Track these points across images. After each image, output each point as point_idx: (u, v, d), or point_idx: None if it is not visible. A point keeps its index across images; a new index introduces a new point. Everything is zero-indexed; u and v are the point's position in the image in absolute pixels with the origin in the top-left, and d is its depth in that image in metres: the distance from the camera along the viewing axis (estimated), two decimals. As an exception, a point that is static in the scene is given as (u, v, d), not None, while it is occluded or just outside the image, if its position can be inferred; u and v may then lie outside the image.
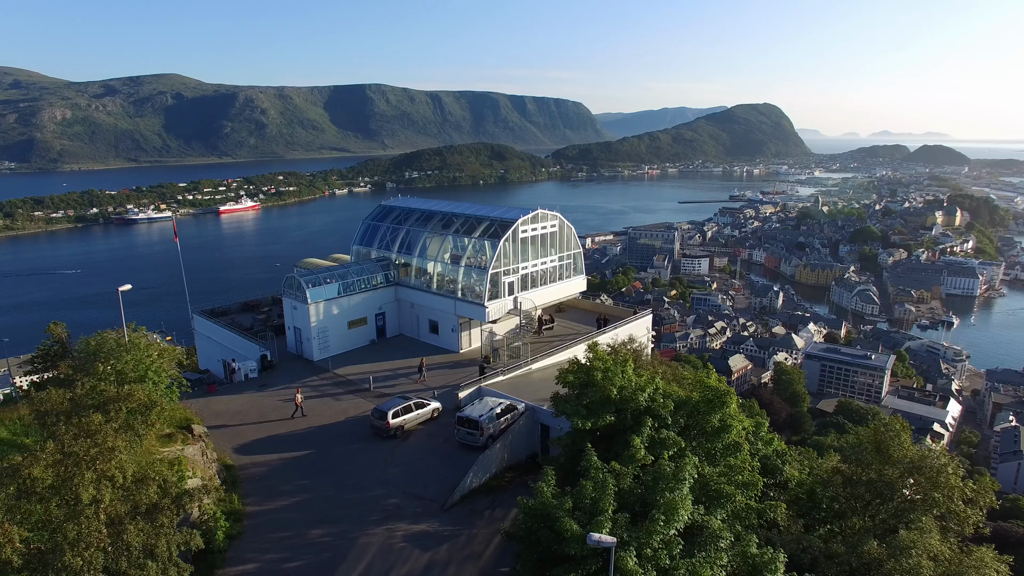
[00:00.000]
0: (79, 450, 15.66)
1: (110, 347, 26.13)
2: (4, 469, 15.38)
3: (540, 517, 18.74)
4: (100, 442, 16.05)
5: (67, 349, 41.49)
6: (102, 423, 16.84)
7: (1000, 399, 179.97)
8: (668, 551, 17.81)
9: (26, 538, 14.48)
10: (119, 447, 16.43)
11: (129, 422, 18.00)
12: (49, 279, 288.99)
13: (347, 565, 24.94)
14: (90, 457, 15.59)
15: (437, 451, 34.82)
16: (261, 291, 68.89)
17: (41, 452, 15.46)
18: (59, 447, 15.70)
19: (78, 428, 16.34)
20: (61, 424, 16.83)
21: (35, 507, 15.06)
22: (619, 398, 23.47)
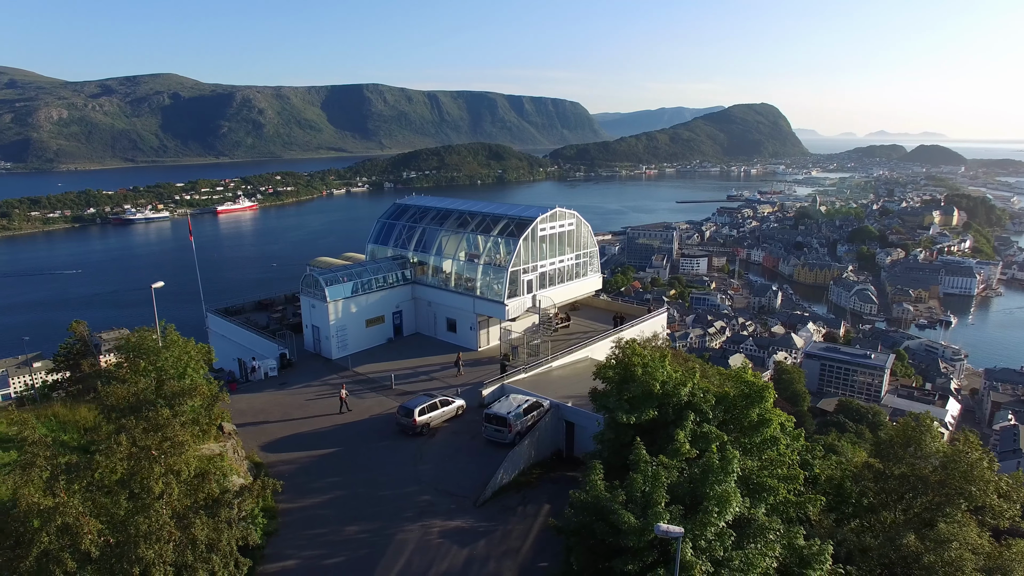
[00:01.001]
0: (151, 443, 15.73)
1: (149, 345, 26.18)
2: (79, 463, 15.46)
3: (593, 510, 18.88)
4: (169, 436, 16.13)
5: (89, 347, 41.45)
6: (169, 417, 16.91)
7: (999, 398, 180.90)
8: (721, 542, 17.98)
9: (100, 530, 14.56)
10: (187, 441, 16.51)
11: (195, 416, 18.07)
12: (49, 279, 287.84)
13: (387, 561, 25.03)
14: (161, 451, 15.66)
15: (465, 448, 34.95)
16: (260, 291, 68.65)
17: (116, 446, 15.52)
18: (131, 441, 15.76)
19: (147, 422, 16.40)
20: (131, 418, 16.87)
21: (107, 500, 15.14)
22: (661, 393, 23.65)
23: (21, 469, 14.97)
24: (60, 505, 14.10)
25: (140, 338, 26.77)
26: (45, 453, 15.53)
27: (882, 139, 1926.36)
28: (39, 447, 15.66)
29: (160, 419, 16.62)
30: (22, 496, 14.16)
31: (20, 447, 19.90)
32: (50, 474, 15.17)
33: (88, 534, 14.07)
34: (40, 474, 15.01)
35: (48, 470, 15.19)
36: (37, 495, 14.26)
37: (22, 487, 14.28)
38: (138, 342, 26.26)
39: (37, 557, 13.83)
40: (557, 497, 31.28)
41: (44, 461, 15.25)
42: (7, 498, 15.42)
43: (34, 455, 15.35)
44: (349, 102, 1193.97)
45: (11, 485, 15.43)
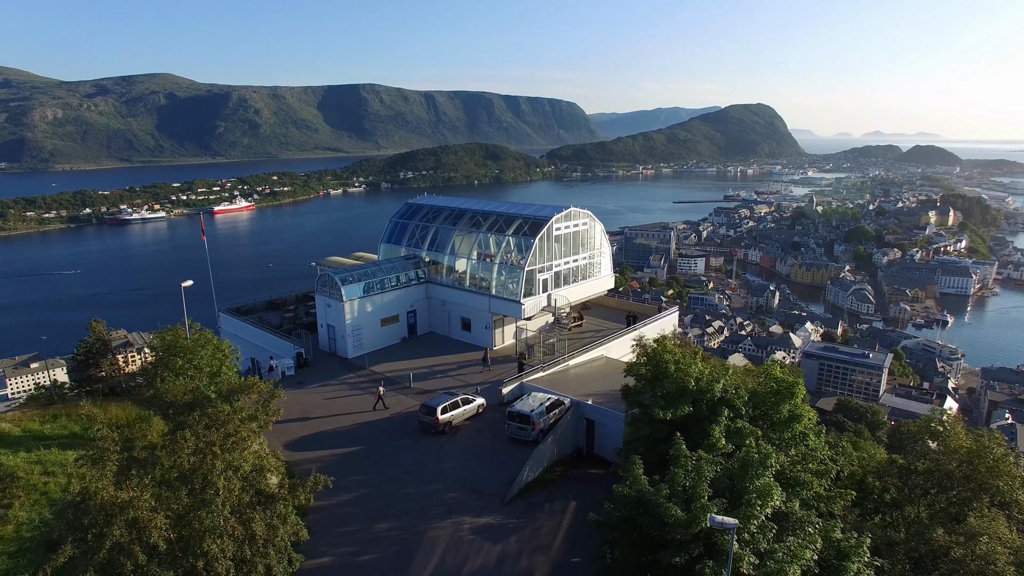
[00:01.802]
0: (215, 439, 15.89)
1: (184, 343, 26.33)
2: (146, 459, 15.61)
3: (637, 504, 19.13)
4: (231, 432, 16.29)
5: (108, 346, 41.48)
6: (231, 413, 17.08)
7: (996, 397, 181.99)
8: (764, 535, 18.27)
9: (164, 524, 14.72)
10: (250, 437, 16.69)
11: (253, 413, 18.24)
12: (47, 280, 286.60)
13: (421, 558, 25.23)
14: (224, 447, 15.83)
15: (487, 446, 35.15)
16: (258, 291, 68.53)
17: (183, 441, 15.68)
18: (196, 437, 15.92)
19: (209, 418, 16.55)
20: (194, 414, 17.03)
21: (170, 495, 15.30)
22: (696, 389, 23.94)
23: (93, 464, 15.12)
24: (134, 500, 14.27)
25: (174, 337, 26.93)
26: (115, 448, 15.70)
27: (878, 139, 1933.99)
28: (108, 442, 15.82)
29: (222, 415, 16.78)
30: (98, 490, 14.33)
31: (86, 444, 20.07)
32: (118, 469, 15.33)
33: (156, 528, 14.25)
34: (111, 469, 15.17)
35: (117, 465, 15.35)
36: (110, 490, 14.43)
37: (97, 481, 14.44)
38: (173, 340, 26.42)
39: (109, 549, 14.00)
40: (582, 494, 31.57)
41: (114, 456, 15.40)
42: (76, 492, 15.56)
43: (105, 450, 15.51)
44: (345, 102, 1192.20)
45: (86, 479, 15.58)
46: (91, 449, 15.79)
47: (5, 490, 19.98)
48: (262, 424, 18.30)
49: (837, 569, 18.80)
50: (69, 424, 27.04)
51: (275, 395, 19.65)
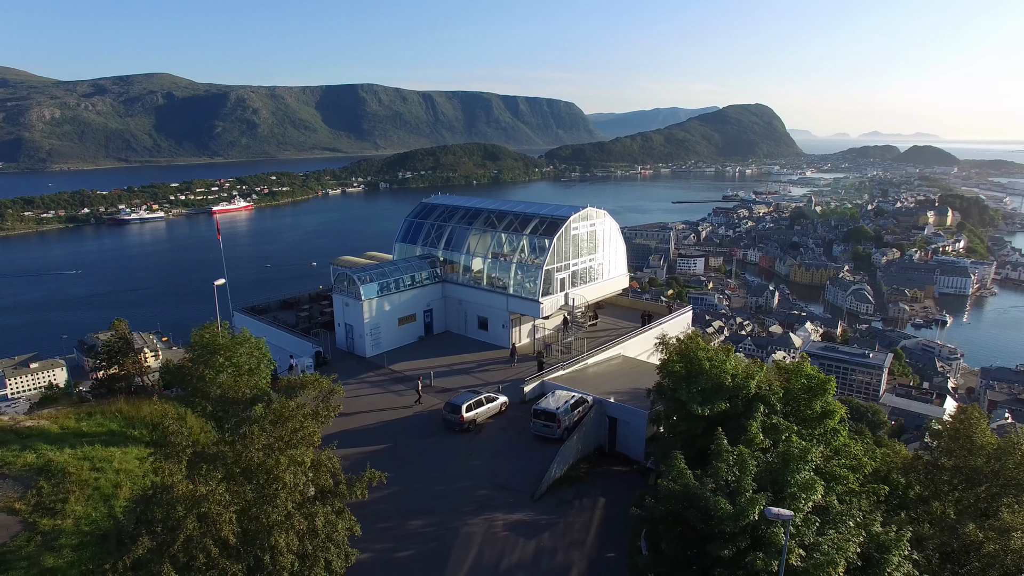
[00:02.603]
0: (284, 434, 16.15)
1: (222, 341, 26.57)
2: (216, 454, 15.86)
3: (683, 498, 19.46)
4: (297, 427, 16.55)
5: (130, 345, 41.61)
6: (295, 409, 17.34)
7: (995, 396, 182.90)
8: (808, 528, 18.60)
9: (232, 518, 14.97)
10: (316, 432, 16.98)
11: (315, 409, 18.50)
12: (48, 279, 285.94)
13: (458, 554, 25.53)
14: (295, 442, 16.10)
15: (513, 443, 35.46)
16: (261, 292, 68.55)
17: (257, 437, 15.93)
18: (264, 432, 16.17)
19: (275, 414, 16.80)
20: (260, 409, 17.28)
21: (239, 489, 15.56)
22: (732, 385, 24.30)
23: (167, 459, 15.36)
24: (209, 493, 14.53)
25: (212, 335, 27.17)
26: (188, 443, 15.95)
27: (875, 139, 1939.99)
28: (180, 437, 16.07)
29: (287, 411, 17.04)
30: (175, 484, 14.57)
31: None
32: (189, 463, 15.59)
33: (227, 522, 14.51)
34: (184, 464, 15.43)
35: (187, 459, 15.61)
36: (186, 484, 14.69)
37: (174, 475, 14.68)
38: (212, 338, 26.66)
39: (183, 542, 14.26)
40: (610, 491, 31.93)
41: (188, 451, 15.65)
42: (150, 486, 15.81)
43: (178, 445, 15.76)
44: (344, 102, 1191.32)
45: (160, 474, 15.81)
46: (163, 445, 16.03)
47: (58, 485, 20.23)
48: (323, 420, 18.58)
49: (878, 562, 19.10)
50: (105, 422, 27.22)
51: (335, 391, 19.91)
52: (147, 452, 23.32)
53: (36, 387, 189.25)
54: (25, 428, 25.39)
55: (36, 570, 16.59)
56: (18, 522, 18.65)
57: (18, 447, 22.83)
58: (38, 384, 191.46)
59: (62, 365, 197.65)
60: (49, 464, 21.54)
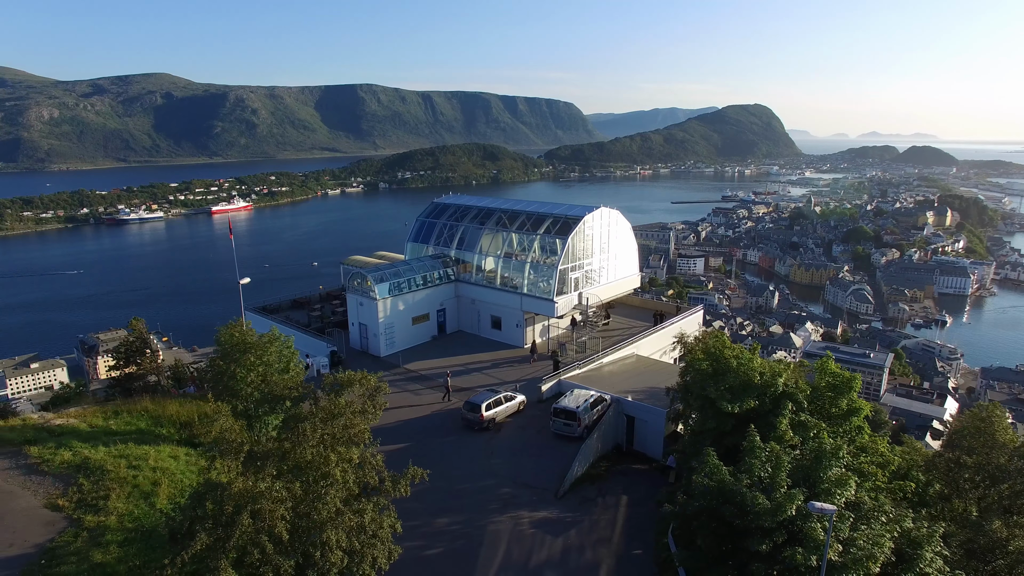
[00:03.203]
0: (336, 432, 16.30)
1: (251, 340, 26.70)
2: (271, 452, 15.99)
3: (718, 494, 19.65)
4: (347, 424, 16.70)
5: (148, 344, 41.77)
6: (344, 406, 17.48)
7: (996, 396, 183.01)
8: (843, 523, 18.80)
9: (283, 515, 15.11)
10: (366, 430, 17.14)
11: (363, 406, 18.65)
12: (48, 279, 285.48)
13: (487, 551, 25.69)
14: (346, 439, 16.26)
15: (533, 442, 35.62)
16: (261, 292, 68.28)
17: (310, 434, 16.07)
18: (316, 429, 16.31)
19: (325, 412, 16.94)
20: (311, 405, 17.41)
21: (289, 486, 15.70)
22: (760, 383, 24.53)
23: (223, 456, 15.50)
24: (267, 490, 14.67)
25: (242, 334, 27.31)
26: (241, 440, 16.08)
27: (874, 140, 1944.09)
28: (234, 434, 16.22)
29: (336, 408, 17.19)
30: (234, 481, 14.70)
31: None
32: (245, 460, 15.72)
33: (280, 519, 14.66)
34: (240, 460, 15.57)
35: (243, 456, 15.74)
36: (241, 481, 14.83)
37: (231, 472, 14.81)
38: (241, 338, 26.79)
39: (238, 539, 14.40)
40: (631, 488, 32.13)
41: (245, 448, 15.79)
42: (205, 483, 15.95)
43: (235, 442, 15.90)
44: (343, 102, 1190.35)
45: (216, 471, 15.94)
46: (217, 443, 16.17)
47: (98, 483, 20.38)
48: (370, 417, 18.73)
49: (911, 557, 19.29)
50: (133, 420, 27.41)
51: (381, 388, 20.07)
52: (182, 451, 23.54)
53: (36, 387, 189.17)
54: (56, 426, 25.57)
55: (86, 565, 16.75)
56: (63, 518, 18.82)
57: (54, 445, 23.00)
58: (38, 384, 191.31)
59: (62, 365, 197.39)
60: (87, 462, 21.71)
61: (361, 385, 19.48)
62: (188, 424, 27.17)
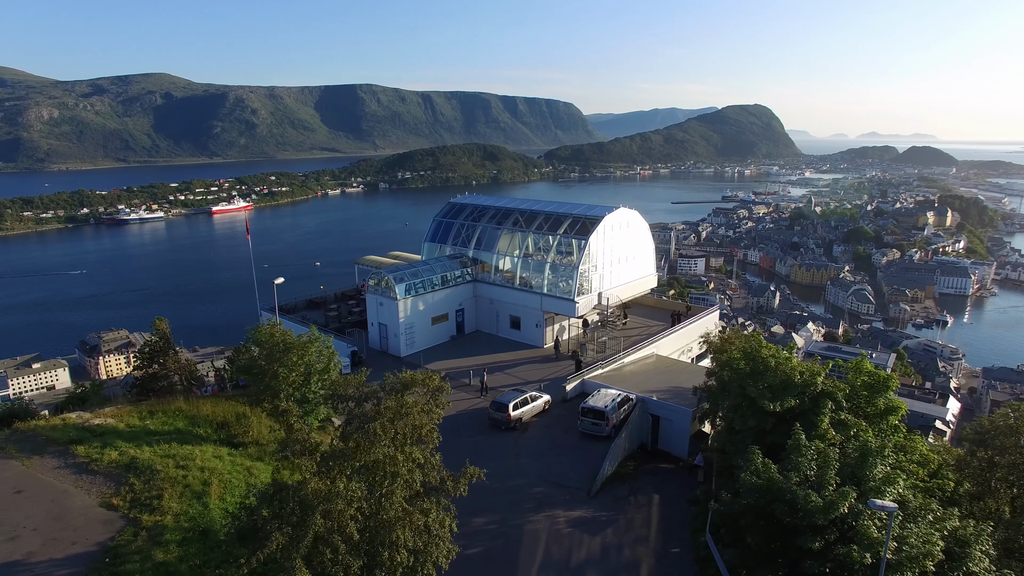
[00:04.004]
0: (406, 431, 16.37)
1: (291, 340, 26.77)
2: (341, 452, 16.04)
3: (766, 492, 19.75)
4: (417, 424, 16.78)
5: (171, 344, 41.78)
6: (411, 406, 17.55)
7: (998, 396, 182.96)
8: (892, 520, 18.89)
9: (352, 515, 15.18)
10: (434, 430, 17.25)
11: (427, 406, 18.72)
12: (50, 279, 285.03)
13: (527, 550, 25.78)
14: (416, 438, 16.34)
15: (561, 441, 35.72)
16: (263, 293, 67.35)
17: (382, 433, 16.13)
18: (386, 429, 16.36)
19: (393, 412, 17.00)
20: (382, 404, 17.45)
21: (359, 486, 15.76)
22: (800, 382, 24.67)
23: (298, 456, 15.54)
24: (345, 490, 14.75)
25: (283, 334, 27.38)
26: (313, 440, 16.16)
27: (874, 140, 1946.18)
28: (303, 434, 16.29)
29: (404, 408, 17.25)
30: (309, 481, 14.75)
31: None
32: (320, 460, 15.77)
33: (352, 519, 14.73)
34: (316, 460, 15.63)
35: (317, 457, 15.80)
36: (317, 481, 14.91)
37: (306, 472, 14.85)
38: (282, 337, 26.86)
39: (312, 539, 14.48)
40: (661, 487, 32.23)
41: (320, 448, 15.85)
42: (277, 483, 16.00)
43: (308, 442, 15.97)
44: (342, 102, 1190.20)
45: (289, 471, 15.99)
46: (290, 443, 16.23)
47: (149, 482, 20.45)
48: (434, 417, 18.80)
49: (959, 556, 19.41)
50: (169, 420, 27.45)
51: (443, 388, 20.16)
52: (224, 451, 23.60)
53: (38, 387, 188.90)
54: (96, 426, 25.62)
55: (149, 564, 16.83)
56: (119, 517, 18.89)
57: (99, 444, 23.07)
58: (40, 385, 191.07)
59: (64, 365, 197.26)
60: (135, 461, 21.78)
61: (424, 385, 19.48)
62: (224, 424, 27.22)
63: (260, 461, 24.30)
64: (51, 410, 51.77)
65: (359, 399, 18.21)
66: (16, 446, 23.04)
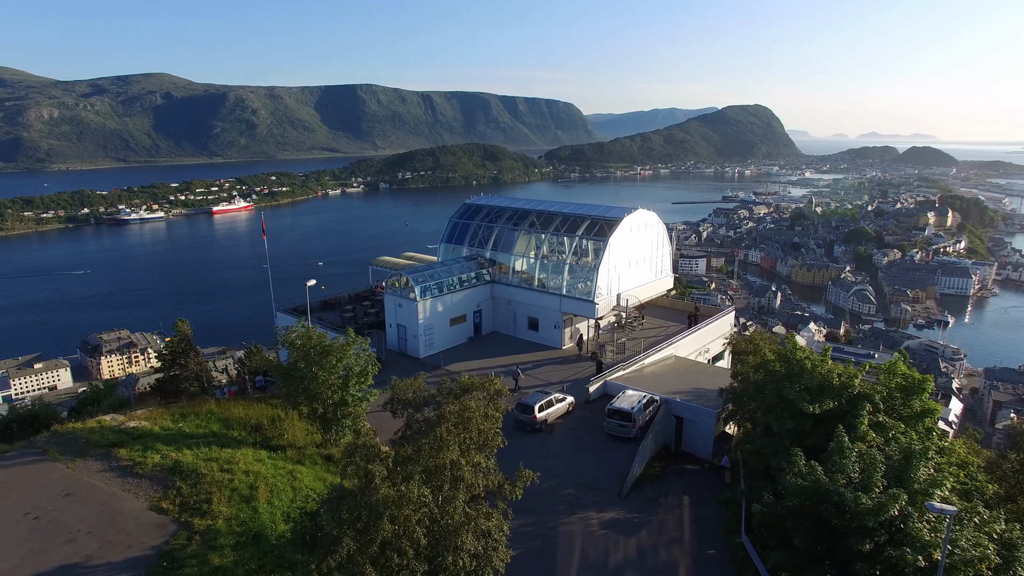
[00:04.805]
0: (473, 436, 16.38)
1: (327, 344, 26.74)
2: (409, 457, 16.02)
3: (814, 494, 19.78)
4: (483, 429, 16.79)
5: (192, 346, 41.79)
6: (475, 411, 17.53)
7: (1000, 397, 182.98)
8: (940, 523, 18.94)
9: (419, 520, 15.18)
10: (497, 435, 17.28)
11: (485, 411, 18.73)
12: (48, 280, 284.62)
13: (564, 552, 25.81)
14: (481, 442, 16.36)
15: (587, 443, 35.73)
16: (258, 293, 67.17)
17: (449, 438, 16.13)
18: (453, 435, 16.36)
19: (457, 417, 16.99)
20: (443, 409, 17.44)
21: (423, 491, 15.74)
22: (839, 384, 24.71)
23: (368, 461, 15.51)
24: (419, 496, 14.74)
25: (320, 336, 27.38)
26: (379, 445, 16.15)
27: (874, 140, 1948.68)
28: (371, 439, 16.29)
29: (466, 413, 17.23)
30: (379, 487, 14.74)
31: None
32: (391, 466, 15.73)
33: (420, 524, 14.73)
34: (387, 465, 15.61)
35: (389, 463, 15.77)
36: (388, 486, 14.90)
37: (378, 477, 14.83)
38: (319, 340, 26.85)
39: (381, 544, 14.47)
40: (690, 489, 32.26)
41: (391, 454, 15.85)
42: (344, 488, 15.99)
43: (375, 448, 15.97)
44: (343, 102, 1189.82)
45: (358, 476, 15.94)
46: (358, 448, 16.21)
47: (195, 486, 20.44)
48: (493, 422, 18.78)
49: (1007, 559, 19.43)
50: (203, 423, 27.43)
51: (502, 392, 20.16)
52: (263, 454, 23.57)
53: (40, 388, 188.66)
54: (132, 428, 25.61)
55: (206, 568, 16.84)
56: (170, 521, 18.89)
57: (140, 447, 23.05)
58: (42, 385, 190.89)
59: (66, 366, 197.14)
60: (178, 465, 21.77)
61: (483, 389, 19.49)
62: (258, 427, 27.21)
63: (300, 464, 24.32)
64: (69, 411, 51.74)
65: (419, 403, 18.19)
66: (58, 448, 23.05)
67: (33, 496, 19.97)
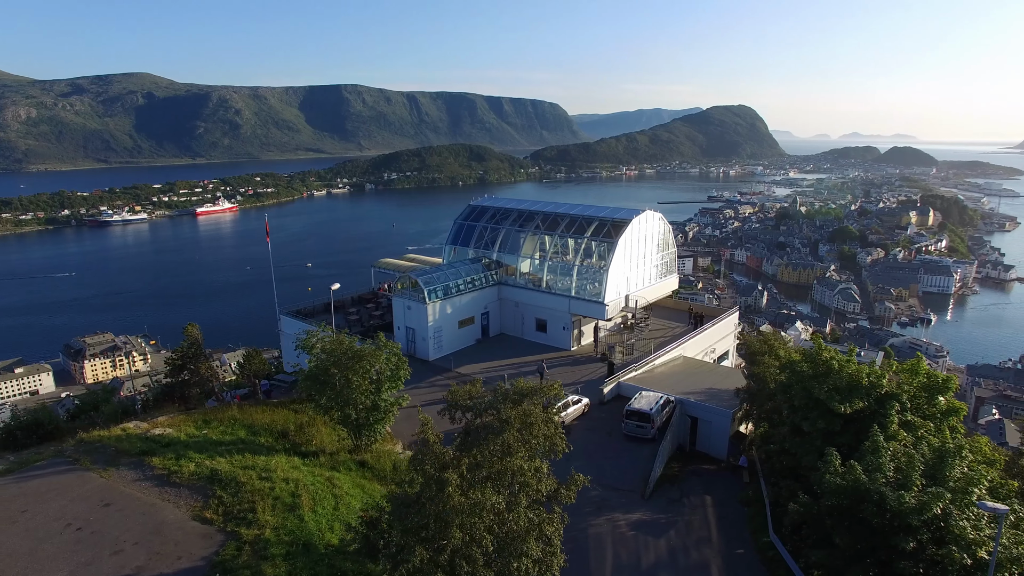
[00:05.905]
0: (539, 441, 16.33)
1: (357, 349, 26.53)
2: (480, 462, 15.90)
3: (853, 493, 20.01)
4: (547, 434, 16.74)
5: (202, 350, 41.31)
6: (536, 416, 17.44)
7: (982, 393, 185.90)
8: (980, 521, 19.26)
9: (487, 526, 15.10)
10: (560, 441, 17.28)
11: (547, 415, 18.64)
12: (29, 282, 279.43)
13: (596, 554, 25.87)
14: (546, 448, 16.31)
15: (606, 444, 35.84)
16: (264, 293, 66.90)
17: (516, 444, 16.05)
18: (519, 441, 16.28)
19: (520, 422, 16.91)
20: (502, 415, 17.33)
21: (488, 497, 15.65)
22: (867, 384, 25.02)
23: (442, 469, 15.36)
24: (491, 504, 14.65)
25: (351, 341, 27.15)
26: (445, 452, 16.03)
27: (856, 140, 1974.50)
28: (436, 446, 16.16)
29: (528, 418, 17.17)
30: (452, 494, 14.61)
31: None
32: (460, 473, 15.60)
33: (488, 531, 14.66)
34: (461, 471, 15.47)
35: (463, 469, 15.62)
36: (459, 493, 14.79)
37: (450, 485, 14.71)
38: (351, 344, 26.62)
39: (451, 551, 14.38)
40: (711, 488, 32.50)
41: (464, 460, 15.70)
42: (413, 495, 15.81)
43: (442, 453, 15.84)
44: (327, 103, 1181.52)
45: (424, 483, 15.78)
46: (424, 454, 16.05)
47: (236, 495, 20.18)
48: (552, 427, 18.72)
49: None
50: (229, 429, 27.09)
51: (560, 397, 20.11)
52: (298, 460, 23.34)
53: (21, 392, 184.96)
54: (159, 436, 25.23)
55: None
56: (216, 531, 18.63)
57: (173, 455, 22.71)
58: (24, 389, 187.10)
59: (48, 370, 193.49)
60: (216, 473, 21.47)
61: (541, 394, 19.44)
62: (284, 433, 26.93)
63: (336, 471, 24.10)
64: (65, 417, 50.80)
65: (478, 409, 18.12)
66: (89, 457, 22.64)
67: (72, 506, 19.59)
